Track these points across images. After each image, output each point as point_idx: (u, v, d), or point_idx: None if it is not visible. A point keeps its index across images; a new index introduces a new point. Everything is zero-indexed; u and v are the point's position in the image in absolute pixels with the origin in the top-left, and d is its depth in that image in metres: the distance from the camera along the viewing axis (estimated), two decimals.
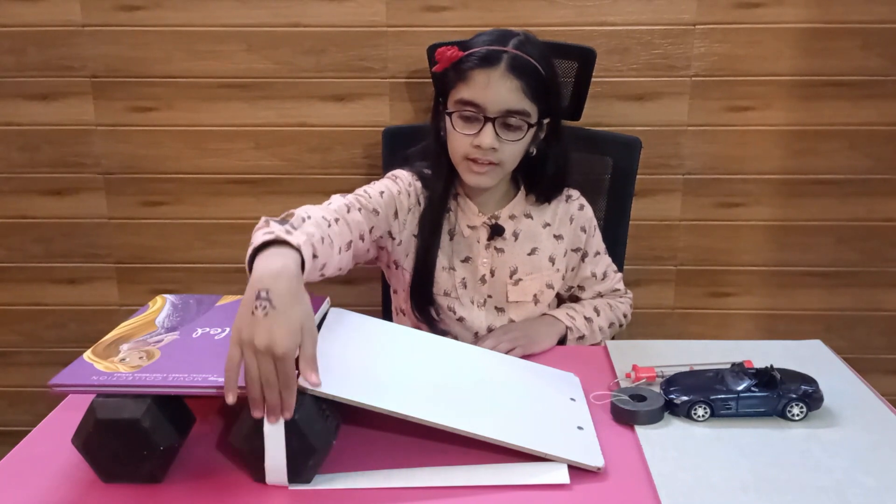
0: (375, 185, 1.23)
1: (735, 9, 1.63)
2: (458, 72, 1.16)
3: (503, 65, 1.13)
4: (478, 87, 1.14)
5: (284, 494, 0.79)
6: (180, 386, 0.78)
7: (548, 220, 1.30)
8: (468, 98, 1.14)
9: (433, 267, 1.24)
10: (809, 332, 1.80)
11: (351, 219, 1.11)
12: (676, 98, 1.69)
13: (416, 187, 1.26)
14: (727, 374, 0.96)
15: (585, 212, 1.33)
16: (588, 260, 1.33)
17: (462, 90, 1.15)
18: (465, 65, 1.15)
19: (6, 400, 1.93)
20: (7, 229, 1.80)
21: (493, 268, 1.27)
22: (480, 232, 1.27)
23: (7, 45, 1.68)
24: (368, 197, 1.19)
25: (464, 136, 1.16)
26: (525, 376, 1.02)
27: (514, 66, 1.14)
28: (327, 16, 1.65)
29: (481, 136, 1.15)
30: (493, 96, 1.14)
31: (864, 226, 1.76)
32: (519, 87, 1.14)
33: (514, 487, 0.80)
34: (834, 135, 1.70)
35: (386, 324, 1.04)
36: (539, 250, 1.28)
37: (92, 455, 0.79)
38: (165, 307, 0.98)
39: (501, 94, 1.14)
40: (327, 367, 0.84)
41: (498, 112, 1.14)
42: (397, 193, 1.23)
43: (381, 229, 1.21)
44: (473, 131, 1.15)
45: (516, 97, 1.14)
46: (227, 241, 1.80)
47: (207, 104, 1.71)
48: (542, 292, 1.29)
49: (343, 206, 1.12)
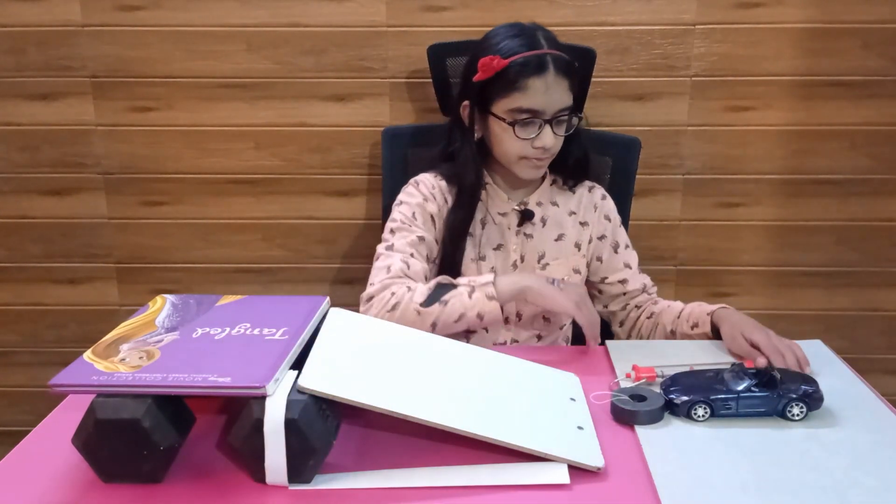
0: (403, 208, 1.28)
1: (735, 9, 1.63)
2: (507, 81, 1.21)
3: (552, 68, 1.20)
4: (537, 95, 1.20)
5: (284, 494, 0.79)
6: (180, 386, 0.78)
7: (573, 209, 1.36)
8: (527, 106, 1.20)
9: (461, 259, 1.29)
10: (809, 332, 1.80)
11: (416, 273, 1.22)
12: (676, 98, 1.69)
13: (441, 187, 1.32)
14: (727, 374, 0.96)
15: (608, 202, 1.39)
16: (621, 251, 1.37)
17: (518, 99, 1.20)
18: (514, 74, 1.20)
19: (6, 400, 1.93)
20: (7, 229, 1.80)
21: (522, 253, 1.32)
22: (511, 218, 1.33)
23: (7, 45, 1.68)
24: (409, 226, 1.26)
25: (523, 140, 1.22)
26: (525, 376, 1.02)
27: (559, 66, 1.21)
28: (327, 16, 1.65)
29: (543, 138, 1.21)
30: (551, 101, 1.21)
31: (864, 226, 1.76)
32: (568, 87, 1.22)
33: (514, 487, 0.80)
34: (834, 135, 1.70)
35: (386, 324, 1.04)
36: (566, 236, 1.34)
37: (92, 455, 0.79)
38: (165, 307, 0.98)
39: (557, 98, 1.21)
40: (327, 367, 0.84)
41: (554, 112, 1.22)
42: (424, 202, 1.29)
43: (433, 244, 1.28)
44: (532, 135, 1.22)
45: (567, 96, 1.23)
46: (227, 241, 1.80)
47: (207, 104, 1.71)
48: (570, 277, 1.33)
49: (402, 267, 1.21)
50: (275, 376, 0.79)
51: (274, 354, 0.84)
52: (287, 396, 0.78)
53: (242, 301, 1.00)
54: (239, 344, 0.87)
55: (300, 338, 0.88)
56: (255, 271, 1.82)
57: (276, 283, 1.82)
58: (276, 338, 0.88)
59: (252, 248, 1.80)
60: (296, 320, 0.92)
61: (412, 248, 1.24)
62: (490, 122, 1.25)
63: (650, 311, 1.34)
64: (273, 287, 1.82)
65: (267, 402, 0.78)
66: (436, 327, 1.13)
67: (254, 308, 0.97)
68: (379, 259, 1.24)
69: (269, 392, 0.78)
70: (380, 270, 1.21)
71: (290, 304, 0.99)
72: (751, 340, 1.09)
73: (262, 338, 0.88)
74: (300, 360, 0.85)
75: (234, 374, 0.79)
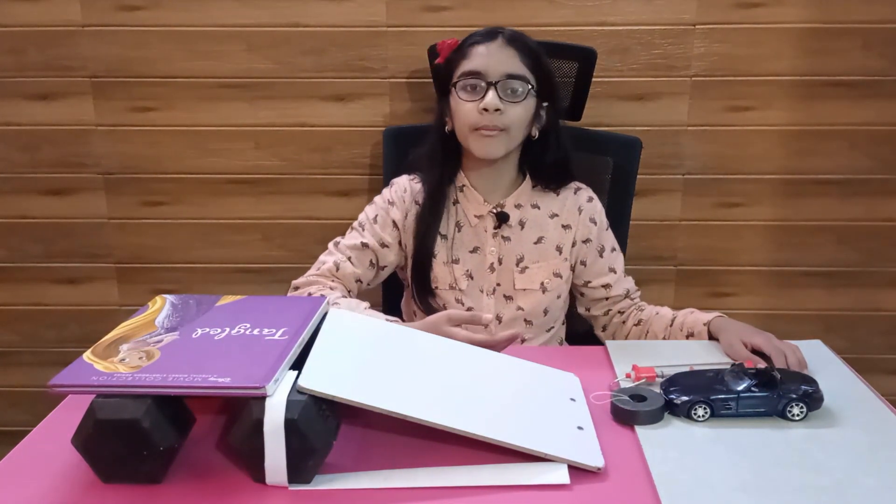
0: (369, 209, 1.34)
1: (735, 9, 1.63)
2: (459, 52, 1.26)
3: (500, 38, 1.24)
4: (479, 57, 1.23)
5: (284, 494, 0.79)
6: (180, 386, 0.78)
7: (556, 211, 1.34)
8: (470, 69, 1.23)
9: (430, 257, 1.30)
10: (809, 332, 1.80)
11: (346, 275, 1.30)
12: (676, 98, 1.69)
13: (413, 189, 1.33)
14: (727, 374, 0.96)
15: (594, 204, 1.36)
16: (606, 255, 1.35)
17: (464, 65, 1.24)
18: (465, 44, 1.25)
19: (6, 400, 1.93)
20: (7, 229, 1.80)
21: (500, 256, 1.31)
22: (487, 221, 1.31)
23: (7, 45, 1.68)
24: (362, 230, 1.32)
25: (469, 106, 1.23)
26: (525, 376, 1.02)
27: (512, 38, 1.24)
28: (327, 16, 1.65)
29: (486, 99, 1.21)
30: (495, 63, 1.22)
31: (864, 226, 1.76)
32: (516, 56, 1.23)
33: (514, 487, 0.80)
34: (834, 135, 1.70)
35: (386, 323, 1.04)
36: (546, 239, 1.32)
37: (92, 455, 0.79)
38: (165, 307, 0.98)
39: (501, 61, 1.22)
40: (327, 368, 0.84)
41: (499, 76, 1.22)
42: (389, 206, 1.33)
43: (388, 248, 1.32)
44: (476, 97, 1.22)
45: (515, 63, 1.23)
46: (227, 241, 1.80)
47: (207, 104, 1.71)
48: (550, 280, 1.31)
49: (331, 268, 1.30)
50: (275, 376, 0.79)
51: (274, 355, 0.83)
52: (287, 397, 0.78)
53: (242, 301, 1.00)
54: (239, 344, 0.87)
55: (300, 338, 0.88)
56: (255, 271, 1.82)
57: (276, 283, 1.82)
58: (276, 338, 0.88)
59: (252, 248, 1.80)
60: (296, 320, 0.92)
61: (352, 251, 1.31)
62: (451, 102, 1.27)
63: (637, 317, 1.33)
64: (273, 287, 1.82)
65: (267, 402, 0.77)
66: None
67: (254, 308, 0.97)
68: (325, 251, 1.34)
69: (269, 392, 0.78)
70: (316, 263, 1.32)
71: (290, 304, 0.99)
72: (752, 344, 1.09)
73: (261, 338, 0.88)
74: (300, 360, 0.85)
75: (233, 375, 0.79)
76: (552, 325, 1.36)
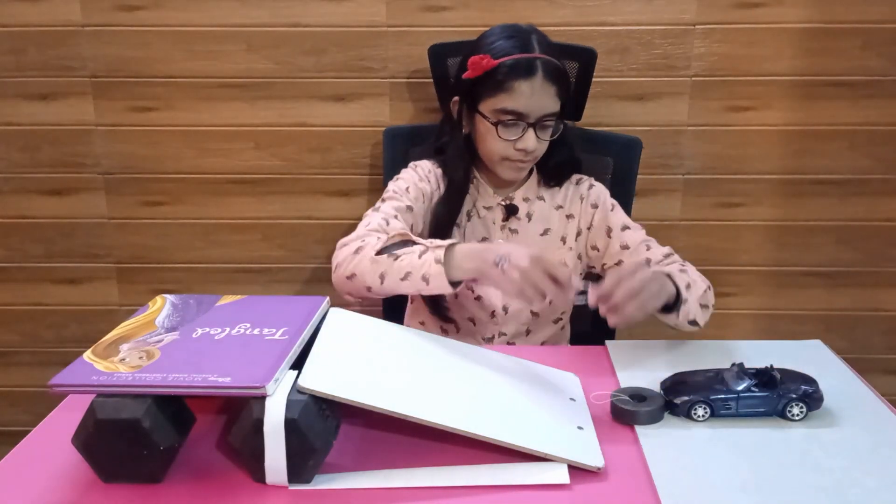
0: (399, 182, 1.31)
1: (735, 9, 1.63)
2: (496, 81, 1.22)
3: (540, 73, 1.21)
4: (522, 97, 1.21)
5: (284, 494, 0.79)
6: (180, 386, 0.78)
7: (560, 202, 1.36)
8: (512, 108, 1.21)
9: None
10: (809, 332, 1.80)
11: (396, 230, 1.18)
12: (676, 98, 1.69)
13: (437, 173, 1.34)
14: (727, 374, 0.96)
15: (596, 188, 1.37)
16: (615, 235, 1.33)
17: (504, 100, 1.22)
18: (502, 75, 1.21)
19: (6, 400, 1.93)
20: (7, 229, 1.80)
21: None
22: (496, 212, 1.34)
23: (7, 45, 1.68)
24: (400, 196, 1.27)
25: (505, 141, 1.23)
26: (525, 376, 1.02)
27: (549, 72, 1.22)
28: (327, 16, 1.65)
29: (526, 141, 1.22)
30: (536, 105, 1.22)
31: (864, 226, 1.76)
32: (555, 93, 1.23)
33: (514, 487, 0.80)
34: (834, 135, 1.70)
35: (386, 323, 1.04)
36: (551, 231, 1.35)
37: (92, 455, 0.79)
38: (165, 307, 0.98)
39: (542, 102, 1.22)
40: (327, 367, 0.84)
41: (538, 117, 1.22)
42: (419, 181, 1.31)
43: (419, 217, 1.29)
44: (515, 136, 1.23)
45: (553, 102, 1.23)
46: (227, 241, 1.80)
47: (207, 104, 1.71)
48: None
49: (381, 223, 1.20)
50: (275, 376, 0.79)
51: (274, 354, 0.84)
52: (287, 396, 0.78)
53: (242, 301, 1.00)
54: (239, 344, 0.87)
55: (300, 338, 0.88)
56: (255, 271, 1.82)
57: (276, 283, 1.82)
58: (276, 338, 0.88)
59: (252, 248, 1.80)
60: (296, 320, 0.92)
61: (397, 212, 1.25)
62: (476, 120, 1.27)
63: None
64: (273, 287, 1.82)
65: (267, 402, 0.78)
66: (384, 280, 1.08)
67: (254, 308, 0.97)
68: (363, 219, 1.24)
69: (269, 392, 0.78)
70: (360, 226, 1.21)
71: (290, 304, 0.99)
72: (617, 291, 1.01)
73: (261, 338, 0.88)
74: (300, 360, 0.85)
75: (234, 374, 0.79)
76: (558, 316, 1.37)
